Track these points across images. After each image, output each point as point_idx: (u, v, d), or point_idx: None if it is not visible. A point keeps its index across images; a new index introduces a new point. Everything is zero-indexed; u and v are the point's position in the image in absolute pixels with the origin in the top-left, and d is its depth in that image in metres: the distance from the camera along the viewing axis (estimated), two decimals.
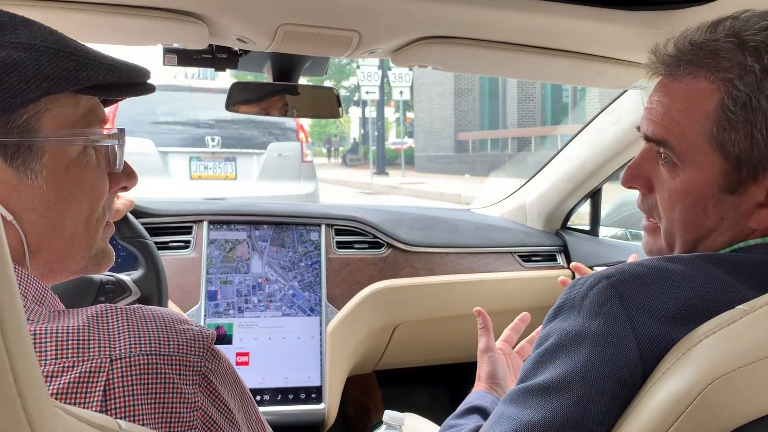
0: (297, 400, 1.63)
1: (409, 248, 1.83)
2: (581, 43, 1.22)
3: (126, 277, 1.31)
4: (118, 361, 0.53)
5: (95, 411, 0.50)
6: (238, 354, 1.63)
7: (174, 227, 1.69)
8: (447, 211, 2.20)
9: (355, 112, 28.48)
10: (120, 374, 0.52)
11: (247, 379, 1.61)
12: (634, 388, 0.72)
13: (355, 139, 27.23)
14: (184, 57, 1.30)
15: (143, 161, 5.15)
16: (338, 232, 1.79)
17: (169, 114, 5.41)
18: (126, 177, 0.73)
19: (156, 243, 1.65)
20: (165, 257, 1.65)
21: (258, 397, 1.61)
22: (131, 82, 0.68)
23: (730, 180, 0.77)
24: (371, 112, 20.25)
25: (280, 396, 1.62)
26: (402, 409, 1.69)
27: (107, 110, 0.73)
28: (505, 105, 18.28)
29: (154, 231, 1.67)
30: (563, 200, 1.99)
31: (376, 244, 1.82)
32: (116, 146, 0.70)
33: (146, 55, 1.38)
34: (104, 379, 0.52)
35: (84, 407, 0.50)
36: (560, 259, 2.02)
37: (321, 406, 1.63)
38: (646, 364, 0.72)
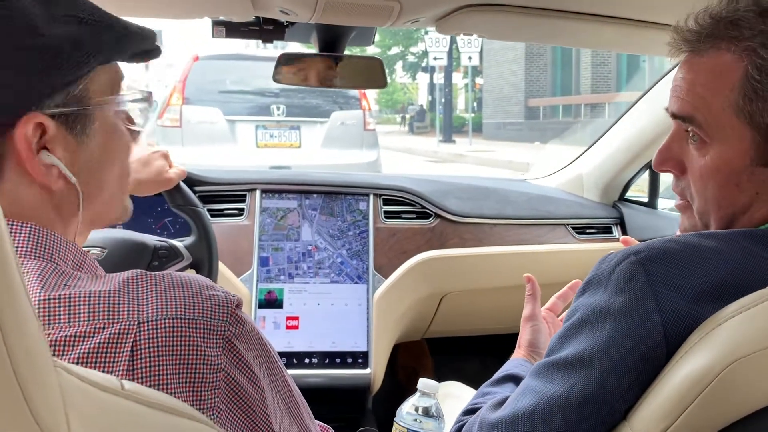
0: (344, 364, 1.68)
1: (457, 219, 1.82)
2: (633, 9, 1.17)
3: (179, 243, 1.37)
4: (145, 324, 0.56)
5: (123, 369, 0.54)
6: (288, 318, 1.68)
7: (229, 195, 1.75)
8: (499, 181, 2.17)
9: (423, 79, 28.19)
10: (146, 336, 0.56)
11: (297, 343, 1.67)
12: (657, 365, 0.71)
13: (422, 106, 26.99)
14: (232, 29, 1.33)
15: (212, 129, 5.31)
16: (386, 202, 1.80)
17: (236, 83, 5.53)
18: (134, 134, 0.76)
19: (211, 210, 1.72)
20: (220, 224, 1.71)
21: (306, 360, 1.67)
22: (151, 48, 0.71)
23: (763, 151, 0.75)
24: (439, 79, 19.99)
25: (327, 360, 1.67)
26: (452, 377, 1.72)
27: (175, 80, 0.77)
28: (579, 70, 17.64)
29: (210, 199, 1.74)
30: (620, 171, 1.94)
31: (423, 214, 1.83)
32: (142, 106, 0.75)
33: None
34: (132, 340, 0.55)
35: (113, 366, 0.54)
36: (616, 232, 1.97)
37: (367, 371, 1.67)
38: (671, 342, 0.71)
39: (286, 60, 1.42)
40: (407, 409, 1.11)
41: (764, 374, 0.62)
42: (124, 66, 0.71)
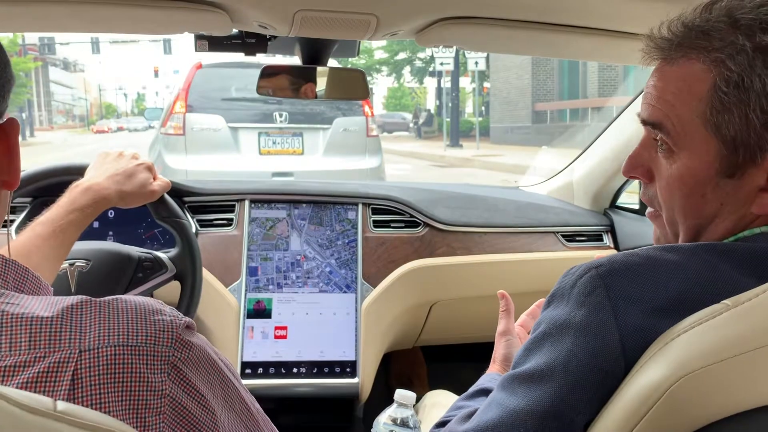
0: (332, 374, 1.68)
1: (446, 227, 1.83)
2: (608, 20, 1.17)
3: (163, 254, 1.39)
4: (87, 353, 0.56)
5: (62, 399, 0.54)
6: (276, 328, 1.69)
7: (218, 206, 1.76)
8: (489, 189, 2.18)
9: (431, 83, 28.24)
10: (87, 365, 0.55)
11: (285, 352, 1.68)
12: (616, 379, 0.72)
13: (429, 110, 26.99)
14: (215, 43, 1.35)
15: (214, 137, 5.33)
16: (375, 211, 1.81)
17: (239, 90, 5.55)
18: None
19: (200, 221, 1.74)
20: (209, 234, 1.73)
21: (295, 370, 1.67)
22: None
23: (728, 163, 0.75)
24: (446, 83, 20.03)
25: (316, 369, 1.68)
26: (447, 385, 1.72)
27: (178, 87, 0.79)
28: (585, 73, 17.63)
29: (200, 209, 1.75)
30: (610, 178, 1.93)
31: (412, 223, 1.83)
32: None
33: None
34: (72, 369, 0.55)
35: (52, 395, 0.53)
36: (607, 239, 1.97)
37: (355, 380, 1.68)
38: (629, 356, 0.71)
39: (269, 72, 1.44)
40: (384, 420, 1.11)
41: (713, 389, 0.62)
42: None
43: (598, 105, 16.58)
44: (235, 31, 1.33)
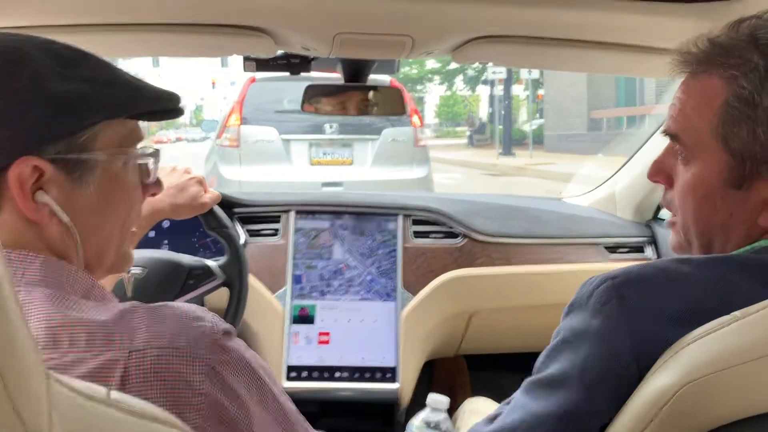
0: (373, 379, 1.74)
1: (486, 238, 1.86)
2: (636, 36, 1.20)
3: (213, 263, 1.47)
4: (135, 353, 0.63)
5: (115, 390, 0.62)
6: (320, 333, 1.76)
7: (265, 216, 1.85)
8: (531, 200, 2.20)
9: (484, 91, 28.12)
10: (136, 363, 0.63)
11: (328, 357, 1.75)
12: (630, 385, 0.75)
13: (481, 119, 26.87)
14: (262, 63, 1.43)
15: (268, 148, 5.50)
16: (415, 222, 1.86)
17: (291, 102, 5.70)
18: (155, 185, 0.84)
19: (249, 230, 1.83)
20: (257, 243, 1.82)
21: (337, 374, 1.74)
22: (167, 108, 0.78)
23: (735, 175, 0.79)
24: (499, 91, 19.92)
25: (357, 374, 1.74)
26: (490, 394, 1.75)
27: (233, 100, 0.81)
28: (643, 80, 17.20)
29: (248, 219, 1.84)
30: (652, 190, 1.93)
31: (451, 234, 1.88)
32: (151, 162, 0.81)
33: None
34: (122, 366, 0.62)
35: (106, 387, 0.62)
36: (649, 251, 1.96)
37: (395, 385, 1.73)
38: (642, 364, 0.74)
39: (314, 90, 1.51)
40: (417, 423, 1.16)
41: (718, 396, 0.65)
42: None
43: (655, 112, 16.18)
44: (280, 52, 1.41)
